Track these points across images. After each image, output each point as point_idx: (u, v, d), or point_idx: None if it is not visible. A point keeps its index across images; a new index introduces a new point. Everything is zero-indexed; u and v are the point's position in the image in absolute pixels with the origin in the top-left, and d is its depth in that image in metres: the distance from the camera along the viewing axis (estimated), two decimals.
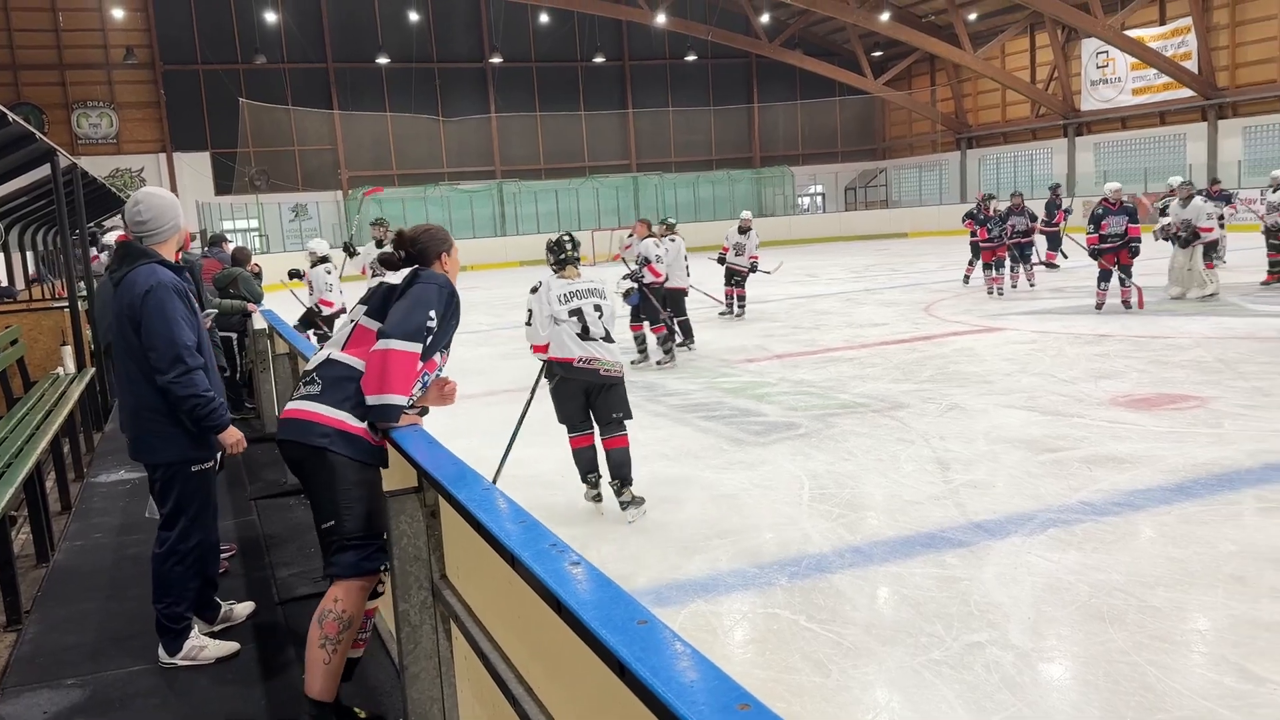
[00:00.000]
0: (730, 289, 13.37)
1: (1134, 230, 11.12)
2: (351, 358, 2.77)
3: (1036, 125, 33.86)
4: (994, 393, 7.56)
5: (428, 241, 2.99)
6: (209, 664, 3.31)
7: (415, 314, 2.73)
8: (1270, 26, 26.23)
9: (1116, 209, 11.25)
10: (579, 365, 5.20)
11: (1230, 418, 6.32)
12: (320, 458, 2.70)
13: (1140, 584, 3.83)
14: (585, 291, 5.34)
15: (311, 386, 2.77)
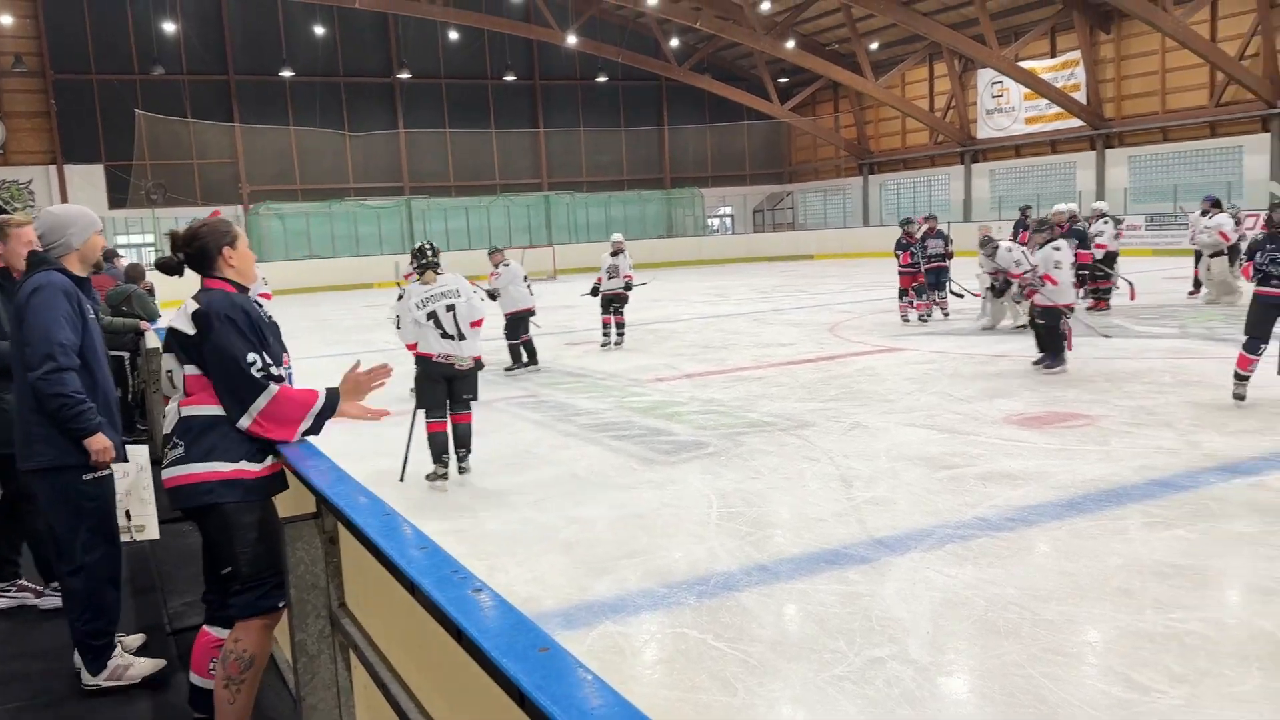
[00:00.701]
0: (608, 317, 12.54)
1: (1083, 256, 10.39)
2: (198, 407, 2.66)
3: (935, 152, 35.00)
4: (895, 411, 7.76)
5: (208, 237, 2.77)
6: (134, 684, 3.21)
7: (235, 375, 2.58)
8: (1152, 61, 27.67)
9: (1065, 233, 10.65)
10: (438, 360, 6.29)
11: (1117, 435, 6.60)
12: (212, 512, 2.63)
13: (1033, 598, 3.96)
14: (439, 295, 6.36)
15: (175, 450, 2.67)
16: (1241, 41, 24.85)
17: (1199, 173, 26.89)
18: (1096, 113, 28.87)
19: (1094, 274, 13.38)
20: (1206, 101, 26.50)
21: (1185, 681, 3.21)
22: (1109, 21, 28.22)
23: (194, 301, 2.70)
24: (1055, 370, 9.14)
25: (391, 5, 31.52)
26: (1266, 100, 24.50)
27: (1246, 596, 3.90)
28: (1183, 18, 23.23)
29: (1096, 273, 13.41)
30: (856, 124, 37.74)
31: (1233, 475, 5.49)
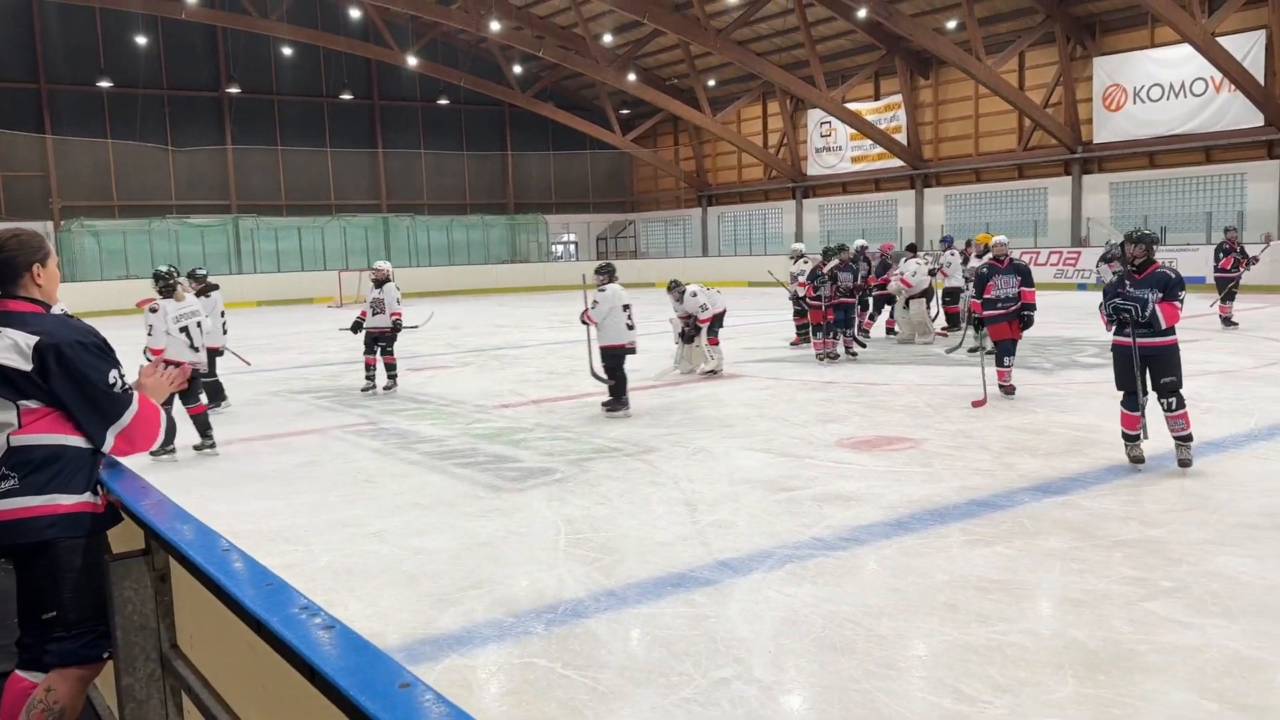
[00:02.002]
0: (371, 357, 10.78)
1: (1028, 295, 9.22)
2: (37, 436, 2.47)
3: (769, 187, 36.33)
4: (735, 436, 7.96)
5: (17, 251, 2.55)
6: None
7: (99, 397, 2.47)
8: (967, 106, 29.65)
9: (1005, 267, 9.37)
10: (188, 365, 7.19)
11: (939, 457, 6.98)
12: (45, 550, 2.42)
13: (867, 614, 4.13)
14: (190, 313, 8.05)
15: (7, 481, 2.44)
16: (1046, 90, 26.99)
17: (1008, 212, 28.95)
18: (916, 154, 30.66)
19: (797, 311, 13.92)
20: (1015, 145, 28.61)
21: (1008, 691, 3.41)
22: (928, 68, 30.11)
23: (15, 333, 2.46)
24: (617, 414, 9.00)
25: (220, 18, 30.27)
26: (1067, 146, 26.67)
27: (1059, 608, 4.18)
28: (994, 67, 25.03)
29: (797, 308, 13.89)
30: (696, 157, 38.75)
31: (1044, 495, 5.90)
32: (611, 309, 9.16)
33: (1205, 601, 4.12)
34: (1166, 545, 4.88)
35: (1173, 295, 6.14)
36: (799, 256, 14.81)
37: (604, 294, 9.24)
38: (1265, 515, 5.28)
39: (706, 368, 11.57)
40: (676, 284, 11.93)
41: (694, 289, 11.62)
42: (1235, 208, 24.02)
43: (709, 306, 11.38)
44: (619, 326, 9.16)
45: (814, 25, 28.49)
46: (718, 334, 11.76)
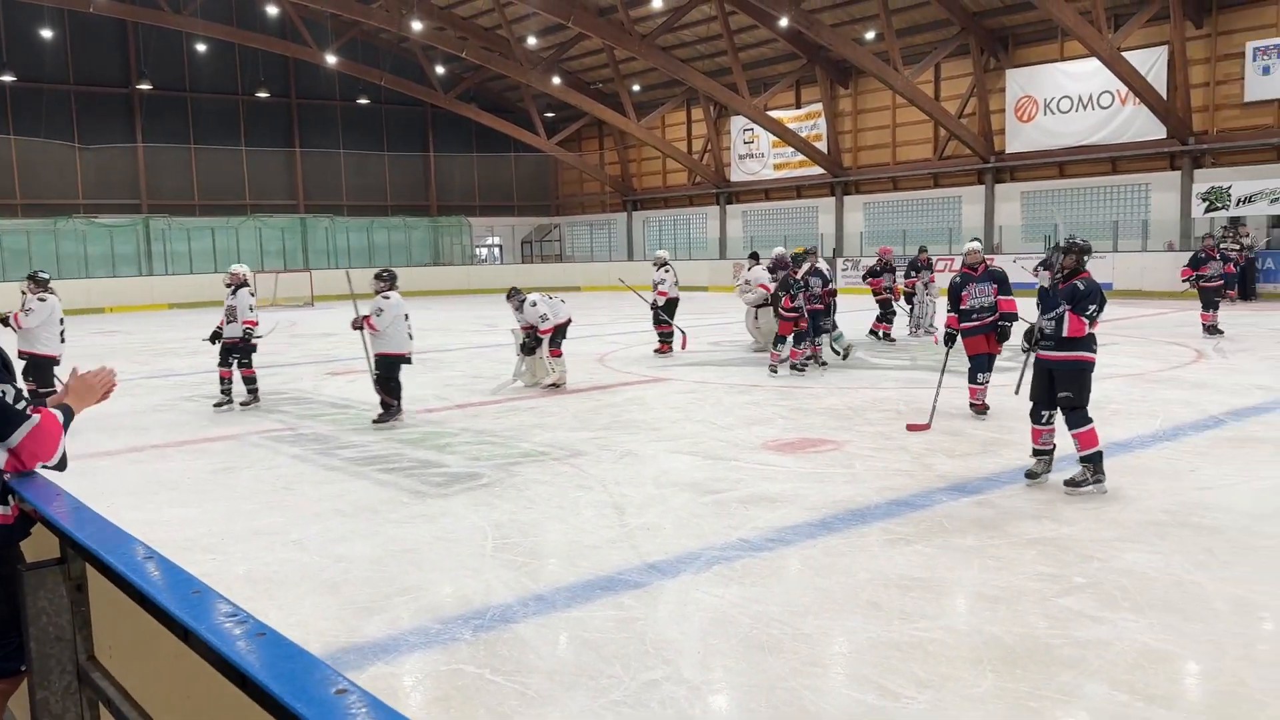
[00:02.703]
0: (226, 370, 10.07)
1: (1006, 304, 8.42)
2: None
3: (694, 192, 36.59)
4: (663, 439, 8.00)
5: None
6: None
7: None
8: (884, 116, 30.29)
9: (980, 274, 8.55)
10: None
11: (860, 459, 7.12)
12: None
13: (793, 613, 4.19)
14: None
15: None
16: (961, 101, 27.72)
17: (925, 219, 29.67)
18: (836, 162, 31.21)
19: (656, 319, 13.82)
20: (931, 155, 29.32)
21: (930, 686, 3.49)
22: (848, 77, 30.67)
23: None
24: (386, 424, 8.85)
25: (131, 12, 29.32)
26: (981, 155, 27.43)
27: (977, 605, 4.30)
28: (911, 77, 25.62)
29: (657, 317, 13.76)
30: (621, 161, 38.83)
31: (961, 494, 6.05)
32: (395, 318, 8.96)
33: (1115, 596, 4.27)
34: (1078, 542, 5.06)
35: (1080, 308, 5.99)
36: (661, 264, 14.31)
37: (389, 301, 8.95)
38: (1169, 513, 5.50)
39: (548, 381, 10.84)
40: (516, 292, 11.13)
41: (534, 298, 10.88)
42: (1140, 217, 25.00)
43: (550, 316, 10.67)
44: (400, 335, 9.00)
45: (737, 33, 28.81)
46: (560, 345, 11.00)
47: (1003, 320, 8.38)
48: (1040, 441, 6.23)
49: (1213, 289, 13.92)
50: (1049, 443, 6.23)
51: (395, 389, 9.08)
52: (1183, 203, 23.81)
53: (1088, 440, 5.99)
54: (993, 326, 8.42)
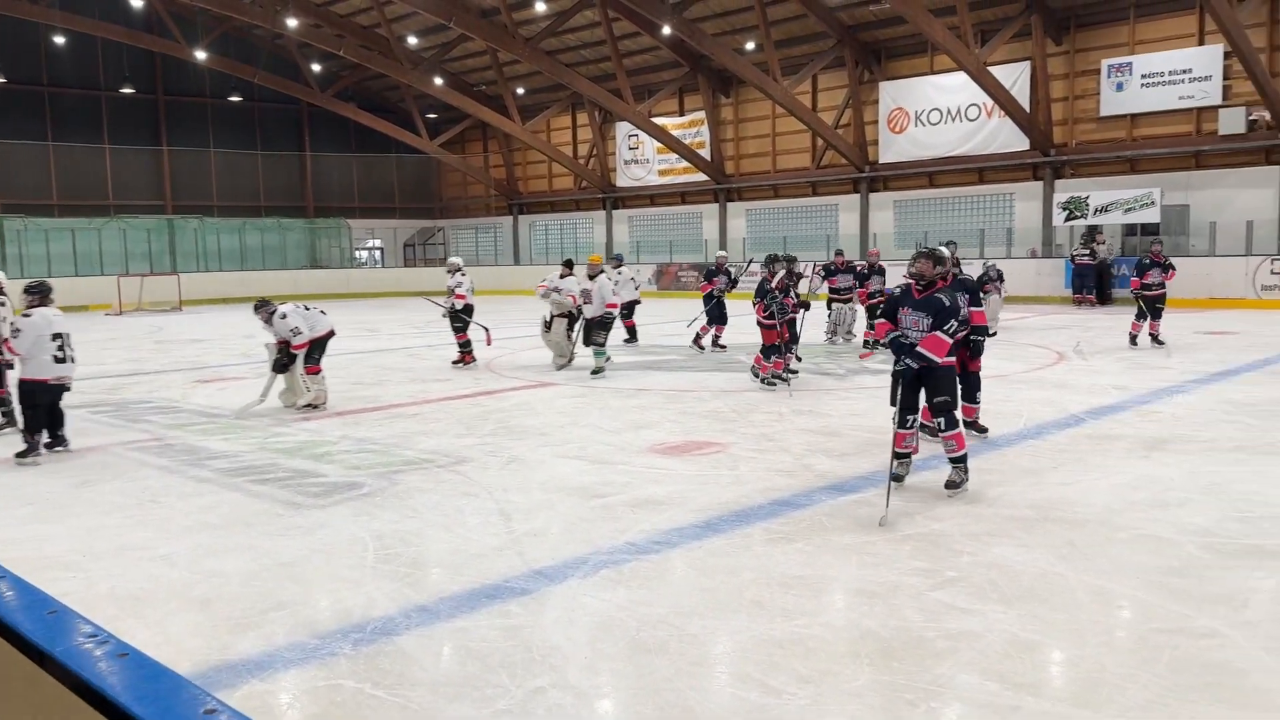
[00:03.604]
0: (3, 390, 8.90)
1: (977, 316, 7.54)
2: None
3: (580, 196, 36.62)
4: (550, 444, 7.96)
5: None
6: None
7: None
8: (765, 125, 30.92)
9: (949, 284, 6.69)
10: None
11: (744, 461, 7.24)
12: None
13: (679, 614, 4.22)
14: None
15: None
16: (837, 112, 28.53)
17: (804, 226, 30.41)
18: (719, 169, 31.70)
19: (453, 325, 13.19)
20: (809, 164, 30.08)
21: (810, 682, 3.57)
22: (729, 86, 31.20)
23: None
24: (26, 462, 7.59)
25: None
26: (856, 165, 28.28)
27: (855, 600, 4.42)
28: (789, 88, 26.23)
29: (455, 324, 13.17)
30: (506, 164, 38.56)
31: (840, 493, 6.22)
32: (38, 338, 7.67)
33: (985, 589, 4.46)
34: (949, 538, 5.25)
35: (940, 324, 6.02)
36: (455, 270, 13.78)
37: (29, 320, 7.70)
38: (1034, 508, 5.77)
39: (303, 402, 9.73)
40: (265, 304, 9.89)
41: (285, 309, 9.73)
42: (1005, 225, 26.20)
43: (304, 330, 9.64)
44: (44, 360, 7.68)
45: (620, 39, 28.97)
46: (320, 361, 9.95)
47: (975, 334, 7.50)
48: (903, 445, 6.28)
49: (1154, 297, 13.23)
50: (910, 445, 6.36)
51: (38, 419, 7.68)
52: (1045, 211, 25.07)
53: (959, 442, 6.19)
54: (964, 342, 7.38)
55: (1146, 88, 23.33)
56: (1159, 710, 3.28)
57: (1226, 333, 15.17)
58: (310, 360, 9.84)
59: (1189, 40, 22.75)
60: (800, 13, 26.14)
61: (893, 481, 6.07)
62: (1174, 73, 22.94)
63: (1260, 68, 20.19)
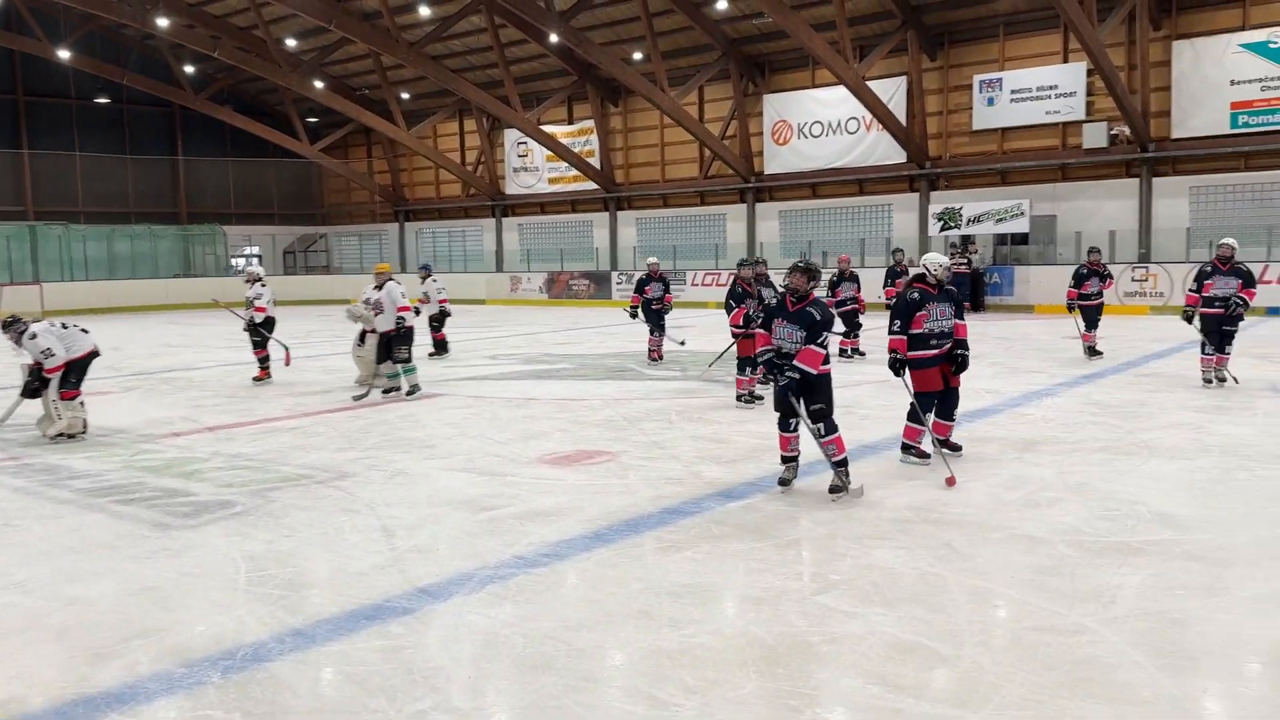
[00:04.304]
0: None
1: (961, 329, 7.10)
2: None
3: (468, 204, 36.18)
4: (436, 456, 7.79)
5: None
6: None
7: None
8: (653, 135, 31.15)
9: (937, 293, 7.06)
10: None
11: (634, 469, 7.22)
12: None
13: (567, 628, 4.16)
14: None
15: None
16: (723, 123, 28.93)
17: (693, 235, 30.75)
18: (609, 178, 31.78)
19: (251, 340, 12.62)
20: (697, 174, 30.42)
21: (697, 692, 3.55)
22: (618, 96, 31.32)
23: None
24: None
25: None
26: (742, 175, 28.73)
27: (742, 607, 4.43)
28: (677, 98, 26.47)
29: (254, 338, 12.59)
30: (391, 170, 37.83)
31: (728, 500, 6.25)
32: None
33: (867, 592, 4.53)
34: (833, 541, 5.33)
35: (813, 337, 6.17)
36: (254, 280, 12.87)
37: None
38: (914, 510, 5.91)
39: (53, 431, 8.70)
40: (14, 322, 8.86)
41: (37, 328, 8.73)
42: (884, 234, 26.99)
43: (57, 352, 8.65)
44: None
45: (508, 46, 28.77)
46: (78, 385, 8.92)
47: (959, 348, 7.04)
48: (788, 449, 6.50)
49: (1093, 307, 12.83)
50: (795, 449, 6.52)
51: None
52: (921, 222, 25.92)
53: (839, 446, 6.31)
54: (949, 357, 7.06)
55: (1016, 103, 24.40)
56: (1033, 708, 3.37)
57: None
58: (67, 384, 8.81)
59: (1055, 58, 23.89)
60: (687, 24, 26.43)
61: (780, 486, 6.38)
62: (1041, 89, 24.06)
63: (1120, 85, 21.33)
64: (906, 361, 7.00)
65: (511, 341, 17.82)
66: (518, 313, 27.67)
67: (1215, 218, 22.38)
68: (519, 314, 27.07)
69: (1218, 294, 10.12)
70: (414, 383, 11.01)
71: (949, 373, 7.10)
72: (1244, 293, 10.02)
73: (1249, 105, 21.66)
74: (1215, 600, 4.34)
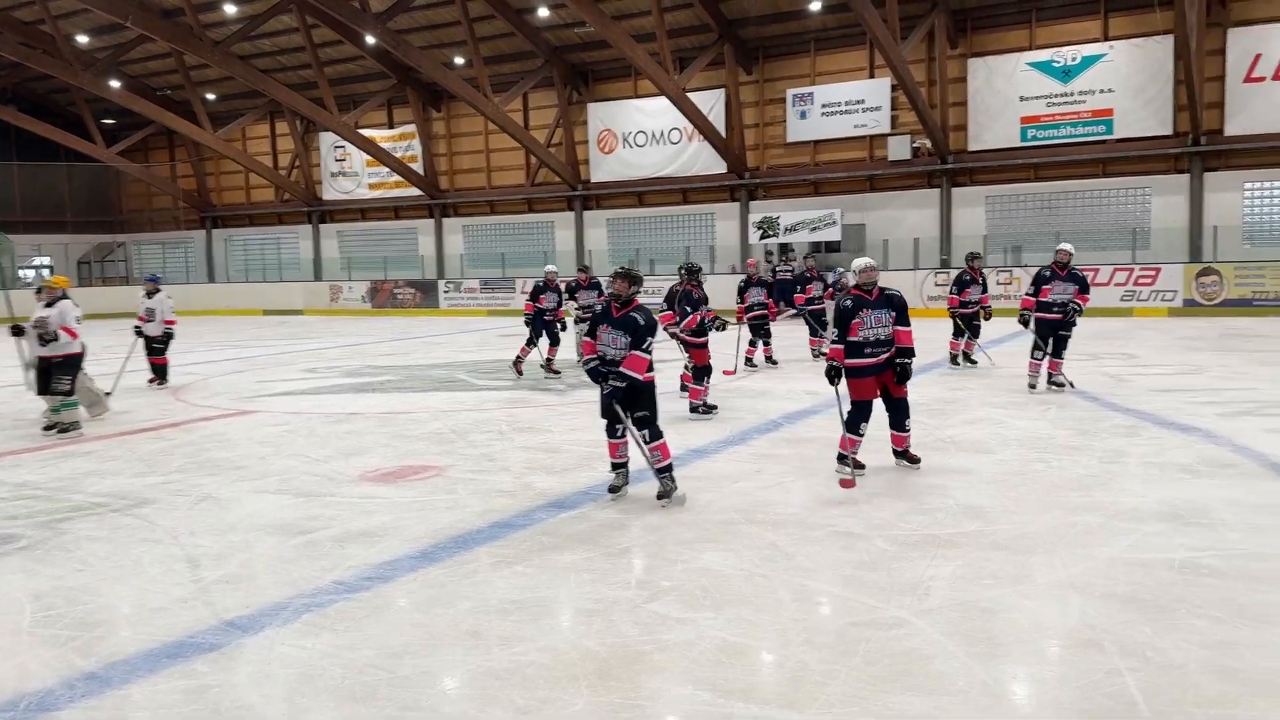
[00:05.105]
0: None
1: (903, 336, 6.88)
2: None
3: (282, 210, 34.67)
4: (248, 478, 7.36)
5: None
6: None
7: None
8: (478, 141, 30.77)
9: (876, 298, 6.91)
10: None
11: (463, 483, 7.04)
12: None
13: (390, 655, 3.98)
14: None
15: None
16: (549, 131, 28.89)
17: (522, 243, 30.54)
18: (433, 184, 31.16)
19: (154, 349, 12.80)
20: (524, 180, 30.25)
21: (527, 712, 3.46)
22: (440, 100, 30.77)
23: None
24: None
25: None
26: (569, 183, 28.78)
27: (574, 620, 4.37)
28: (501, 104, 26.24)
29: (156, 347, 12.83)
30: (197, 175, 35.80)
31: (560, 510, 6.18)
32: None
33: (697, 596, 4.55)
34: (663, 547, 5.35)
35: (638, 343, 6.18)
36: (155, 291, 12.61)
37: None
38: (739, 512, 6.01)
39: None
40: None
41: None
42: (708, 243, 27.64)
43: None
44: None
45: (322, 47, 27.78)
46: None
47: (901, 356, 6.85)
48: (617, 455, 6.49)
49: (971, 314, 12.65)
50: (624, 455, 6.52)
51: None
52: (742, 230, 26.69)
53: (664, 452, 6.35)
54: (889, 365, 6.88)
55: (826, 116, 25.50)
56: (857, 703, 3.46)
57: None
58: None
59: (861, 73, 25.11)
60: (509, 30, 26.24)
61: (610, 493, 6.39)
62: (849, 103, 25.24)
63: (921, 100, 22.64)
64: (842, 370, 6.85)
65: (331, 354, 17.15)
66: (338, 323, 26.70)
67: (1009, 225, 24.10)
68: (340, 325, 26.13)
69: (1056, 299, 10.16)
70: (73, 420, 9.48)
71: (891, 382, 6.93)
72: (1079, 298, 10.14)
73: (1037, 120, 23.44)
74: (1020, 588, 4.60)
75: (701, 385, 9.68)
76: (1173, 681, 3.54)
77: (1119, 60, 22.41)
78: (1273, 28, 21.08)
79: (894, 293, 6.94)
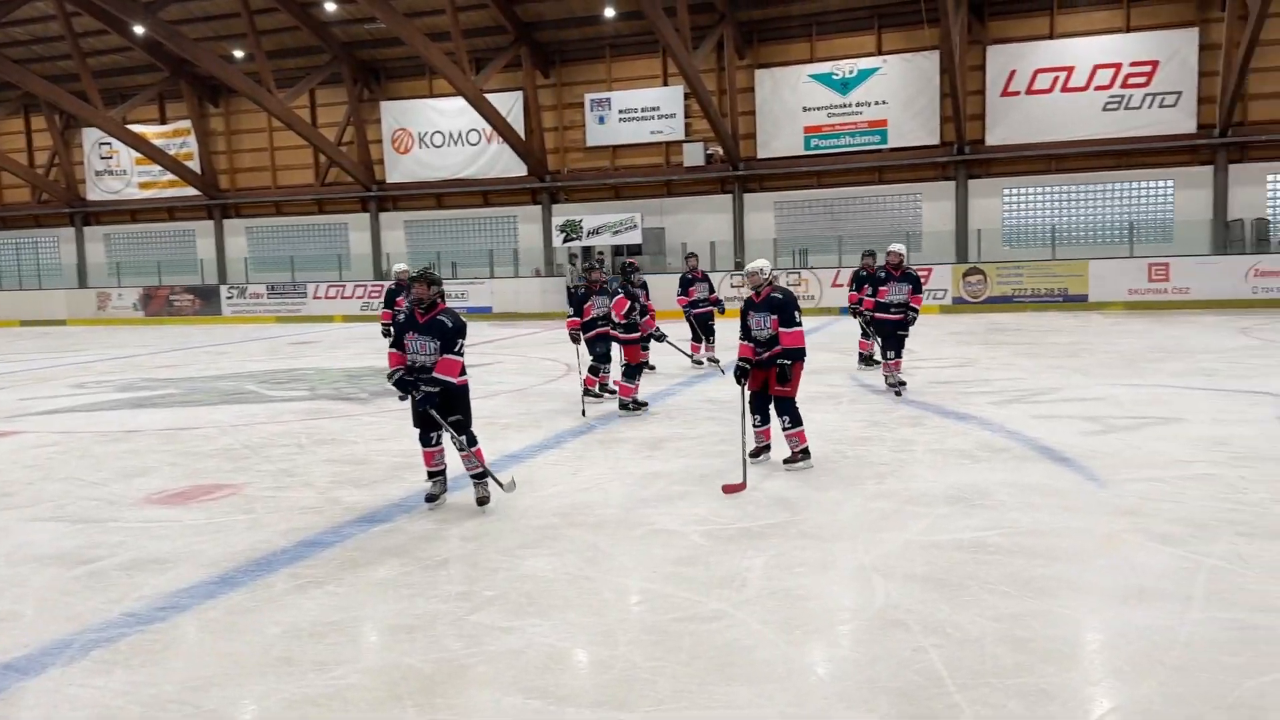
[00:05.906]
0: None
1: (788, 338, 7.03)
2: None
3: (40, 211, 31.81)
4: (15, 506, 6.68)
5: None
6: None
7: None
8: (262, 138, 29.29)
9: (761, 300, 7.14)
10: None
11: (262, 501, 6.66)
12: None
13: (194, 689, 3.71)
14: None
15: None
16: (339, 129, 27.86)
17: (312, 245, 29.31)
18: (212, 183, 29.41)
19: None
20: (314, 180, 29.03)
21: None
22: (218, 95, 29.07)
23: None
24: None
25: None
26: (363, 184, 27.87)
27: (394, 638, 4.21)
28: (286, 101, 25.06)
29: None
30: None
31: (371, 524, 5.96)
32: None
33: (522, 604, 4.50)
34: (484, 555, 5.26)
35: (448, 346, 6.07)
36: None
37: None
38: (560, 515, 6.00)
39: None
40: None
41: None
42: (511, 246, 27.48)
43: None
44: None
45: (84, 36, 25.66)
46: None
47: (786, 356, 6.99)
48: (433, 463, 6.38)
49: (704, 314, 12.90)
50: (440, 463, 6.41)
51: None
52: (545, 233, 26.72)
53: (479, 458, 6.26)
54: (772, 362, 7.05)
55: (624, 122, 25.92)
56: (685, 698, 3.52)
57: None
58: None
59: (656, 81, 25.68)
60: (293, 24, 25.13)
61: (428, 503, 6.25)
62: (645, 109, 25.76)
63: (713, 108, 23.39)
64: (749, 369, 7.06)
65: (101, 366, 15.82)
66: (108, 333, 24.71)
67: (796, 229, 25.32)
68: (110, 335, 24.19)
69: (893, 300, 10.43)
70: None
71: (773, 379, 7.11)
72: (913, 300, 10.36)
73: (819, 130, 24.73)
74: (828, 574, 4.82)
75: (633, 384, 9.69)
76: (972, 654, 3.81)
77: (892, 74, 23.99)
78: (1026, 45, 23.18)
79: (778, 296, 7.06)
